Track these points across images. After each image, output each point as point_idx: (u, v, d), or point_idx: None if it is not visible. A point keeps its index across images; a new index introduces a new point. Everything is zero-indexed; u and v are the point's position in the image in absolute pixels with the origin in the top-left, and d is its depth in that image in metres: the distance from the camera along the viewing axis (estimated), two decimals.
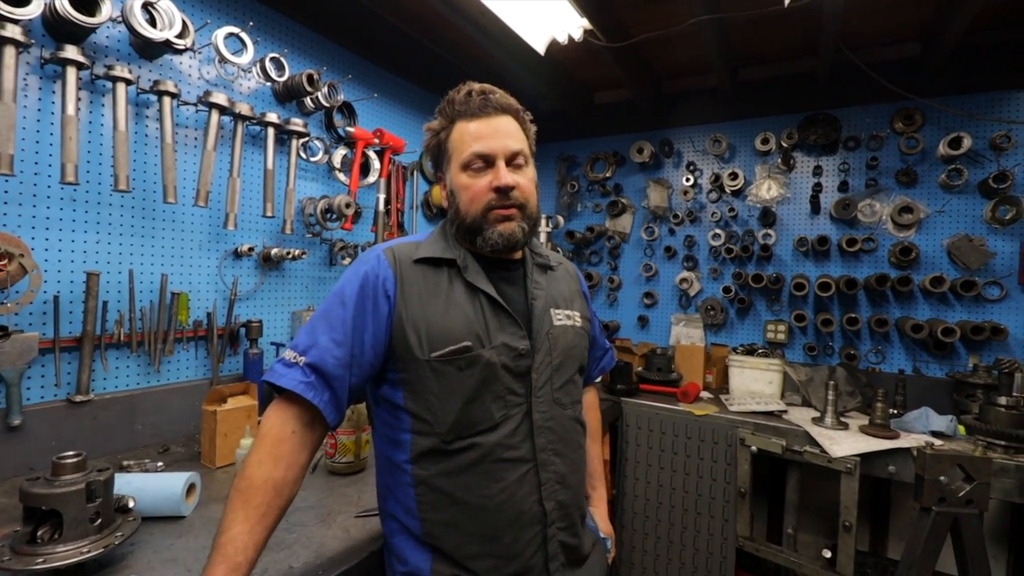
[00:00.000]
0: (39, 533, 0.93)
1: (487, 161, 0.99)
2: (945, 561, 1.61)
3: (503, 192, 0.98)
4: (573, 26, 2.20)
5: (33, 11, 1.33)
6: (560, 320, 1.08)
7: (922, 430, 2.07)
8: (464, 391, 0.94)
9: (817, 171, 2.84)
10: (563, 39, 2.25)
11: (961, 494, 1.50)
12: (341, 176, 2.33)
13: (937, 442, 1.96)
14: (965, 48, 2.39)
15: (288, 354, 0.93)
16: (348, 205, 2.17)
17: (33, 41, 1.36)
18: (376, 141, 2.37)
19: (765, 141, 2.92)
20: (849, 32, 2.41)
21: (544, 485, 0.98)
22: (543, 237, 3.10)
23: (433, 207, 2.87)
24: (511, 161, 1.00)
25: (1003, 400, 1.92)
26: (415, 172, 2.79)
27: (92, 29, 1.45)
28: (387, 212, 2.47)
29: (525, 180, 1.02)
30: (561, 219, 3.45)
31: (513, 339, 0.99)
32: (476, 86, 1.03)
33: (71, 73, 1.42)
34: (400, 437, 0.98)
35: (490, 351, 0.96)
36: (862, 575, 2.55)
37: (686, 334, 3.16)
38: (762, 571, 2.60)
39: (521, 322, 1.01)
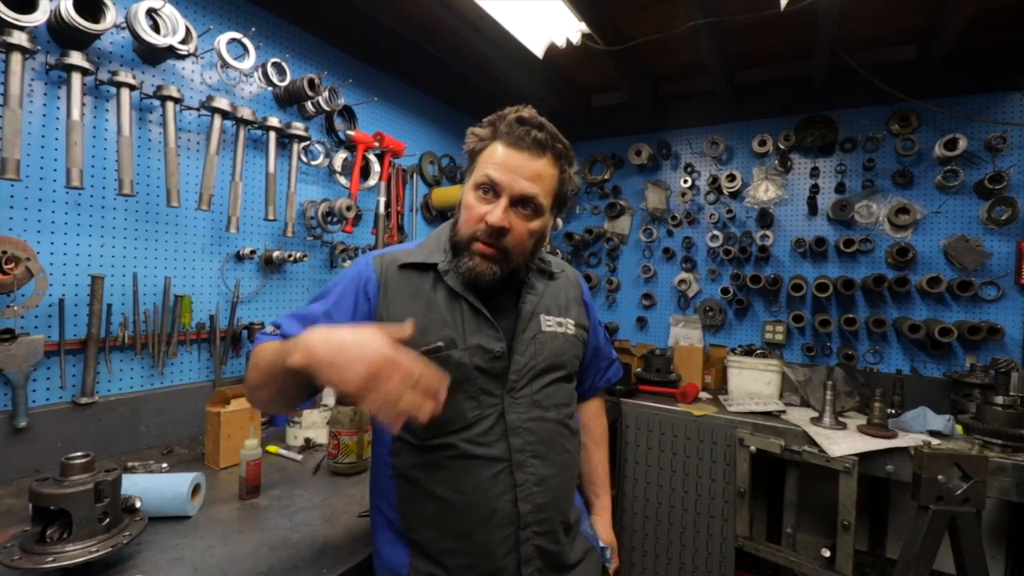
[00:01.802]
0: (48, 532, 0.94)
1: (495, 191, 0.96)
2: (944, 561, 1.62)
3: (490, 231, 0.95)
4: (571, 30, 2.22)
5: (39, 18, 1.34)
6: (550, 326, 1.08)
7: (920, 429, 2.09)
8: None
9: (814, 173, 2.86)
10: (561, 43, 2.27)
11: (958, 493, 1.52)
12: (342, 179, 2.34)
13: (935, 441, 1.98)
14: (960, 50, 2.41)
15: (268, 328, 1.01)
16: (349, 208, 2.19)
17: (39, 47, 1.38)
18: (376, 144, 2.39)
19: (762, 143, 2.94)
20: (845, 35, 2.43)
21: (520, 486, 0.98)
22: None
23: (433, 209, 2.89)
24: (518, 203, 0.96)
25: (1000, 399, 1.94)
26: (415, 175, 2.81)
27: (97, 35, 1.46)
28: (387, 215, 2.48)
29: (522, 228, 0.97)
30: (560, 221, 3.46)
31: (488, 341, 1.00)
32: (527, 114, 0.99)
33: (76, 79, 1.44)
34: (382, 432, 1.03)
35: (461, 352, 0.97)
36: (861, 574, 2.57)
37: (685, 335, 3.17)
38: (761, 570, 2.61)
39: (499, 325, 1.01)
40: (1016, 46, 2.41)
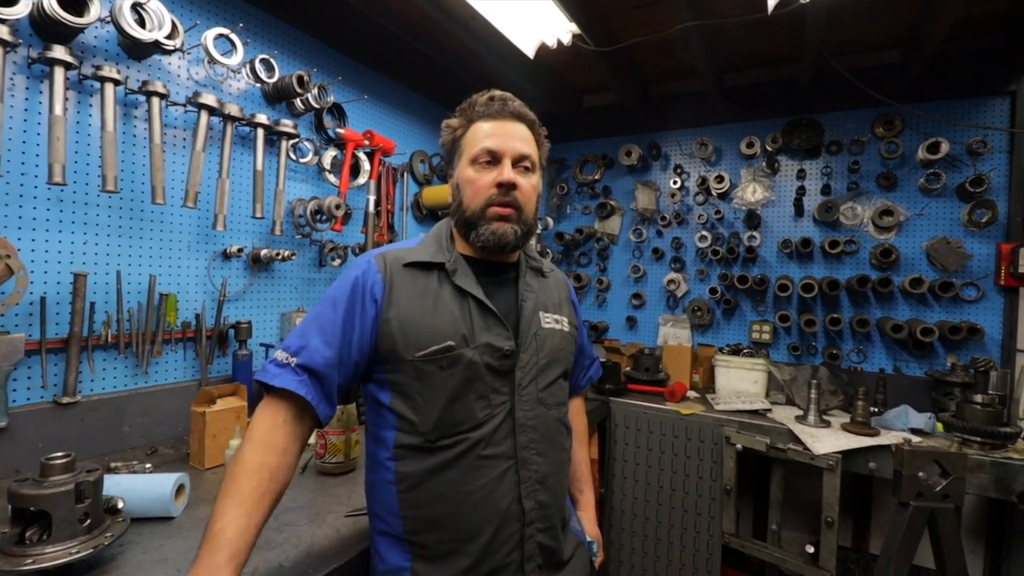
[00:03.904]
0: (28, 534, 0.93)
1: (495, 158, 1.03)
2: (925, 556, 1.65)
3: (504, 188, 1.01)
4: (562, 31, 2.22)
5: (20, 11, 1.32)
6: (548, 323, 1.10)
7: (902, 427, 2.13)
8: (447, 390, 0.96)
9: (801, 174, 2.89)
10: (552, 43, 2.27)
11: (938, 489, 1.55)
12: (331, 177, 2.33)
13: (916, 439, 2.01)
14: (943, 55, 2.45)
15: (279, 355, 0.96)
16: (338, 206, 2.18)
17: (20, 41, 1.35)
18: (366, 143, 2.38)
19: (750, 145, 2.97)
20: (831, 39, 2.46)
21: (524, 484, 0.99)
22: (532, 239, 3.12)
23: (423, 208, 2.88)
24: (518, 163, 1.04)
25: (979, 398, 1.98)
26: (405, 174, 2.80)
27: (80, 29, 1.44)
28: (377, 213, 2.47)
29: (527, 184, 1.05)
30: (551, 221, 3.47)
31: (498, 339, 1.00)
32: (497, 93, 1.10)
33: (59, 73, 1.41)
34: (383, 434, 1.00)
35: (472, 351, 0.98)
36: (845, 570, 2.61)
37: (673, 334, 3.19)
38: (747, 567, 2.64)
39: (507, 323, 1.03)
40: (998, 52, 2.46)
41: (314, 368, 0.94)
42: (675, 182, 3.19)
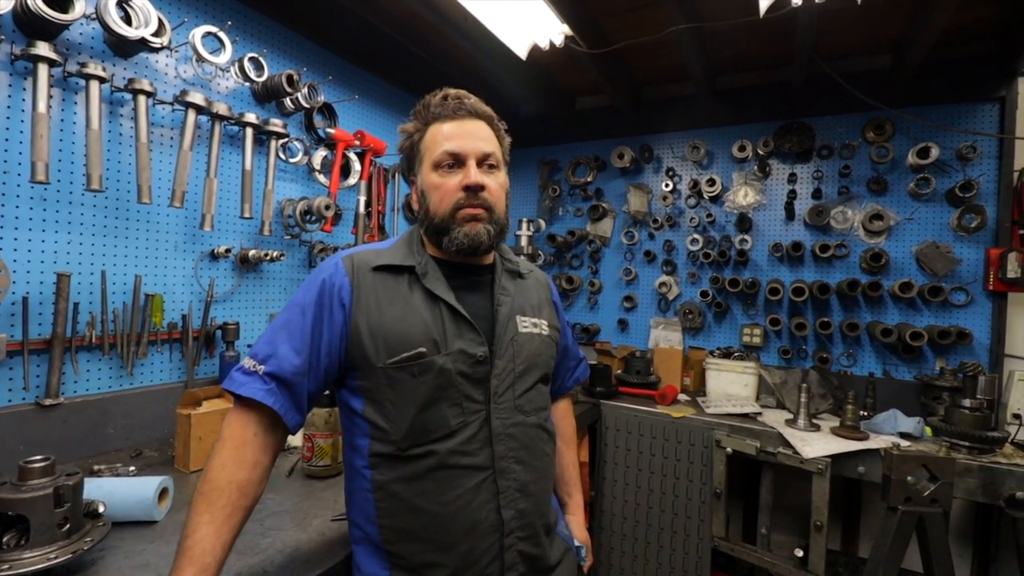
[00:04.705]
0: (5, 539, 0.91)
1: (458, 160, 1.00)
2: (914, 560, 1.65)
3: (472, 191, 0.99)
4: (554, 32, 2.23)
5: (3, 6, 1.30)
6: (526, 327, 1.07)
7: (891, 431, 2.13)
8: (418, 398, 0.94)
9: (792, 178, 2.90)
10: (544, 45, 2.27)
11: (926, 494, 1.55)
12: (321, 178, 2.31)
13: (904, 443, 2.02)
14: (933, 61, 2.47)
15: (247, 362, 0.94)
16: (328, 207, 2.16)
17: (3, 37, 1.34)
18: (357, 143, 2.36)
19: (742, 148, 2.98)
20: (822, 44, 2.48)
21: (503, 493, 0.97)
22: (524, 240, 3.12)
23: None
24: (482, 162, 1.02)
25: (967, 402, 1.98)
26: (396, 174, 2.78)
27: (65, 26, 1.42)
28: (368, 214, 2.46)
29: (495, 183, 1.03)
30: (543, 223, 3.46)
31: (471, 345, 0.98)
32: (451, 91, 1.06)
33: (43, 70, 1.39)
34: (358, 442, 0.98)
35: (444, 357, 0.95)
36: (834, 574, 2.61)
37: (665, 337, 3.20)
38: (737, 571, 2.64)
39: (481, 328, 1.00)
40: (987, 58, 2.48)
41: (283, 376, 0.91)
42: (667, 185, 3.20)
